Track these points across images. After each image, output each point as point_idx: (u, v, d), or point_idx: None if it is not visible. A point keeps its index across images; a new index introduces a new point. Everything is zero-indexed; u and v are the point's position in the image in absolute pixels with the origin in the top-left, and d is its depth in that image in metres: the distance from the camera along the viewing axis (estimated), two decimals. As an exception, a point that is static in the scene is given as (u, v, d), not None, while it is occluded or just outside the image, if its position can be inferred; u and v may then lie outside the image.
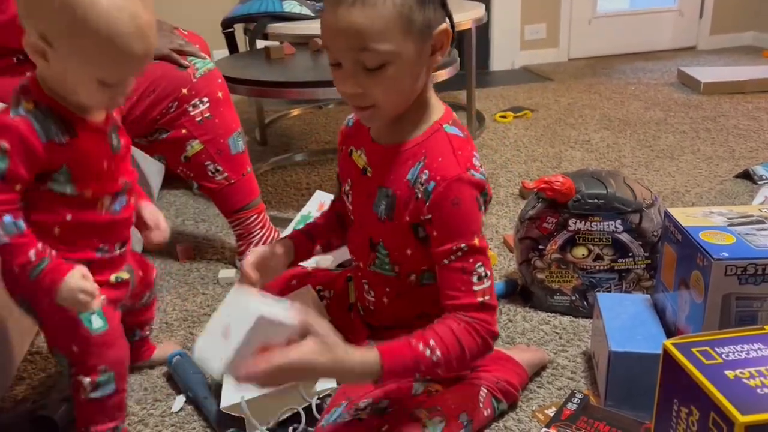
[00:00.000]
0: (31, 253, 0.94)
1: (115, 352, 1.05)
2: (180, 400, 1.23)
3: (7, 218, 0.92)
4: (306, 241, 1.21)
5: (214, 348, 0.89)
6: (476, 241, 0.99)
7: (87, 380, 1.03)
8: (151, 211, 1.17)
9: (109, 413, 1.06)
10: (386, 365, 0.93)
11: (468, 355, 0.98)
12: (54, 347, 1.06)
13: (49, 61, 0.92)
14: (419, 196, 1.00)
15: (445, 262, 1.00)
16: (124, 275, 1.11)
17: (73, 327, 1.01)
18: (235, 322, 0.87)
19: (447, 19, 0.99)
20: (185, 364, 1.26)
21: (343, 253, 1.37)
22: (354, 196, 1.13)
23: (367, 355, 0.94)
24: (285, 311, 0.90)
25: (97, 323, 1.01)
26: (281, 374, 0.89)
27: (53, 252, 0.96)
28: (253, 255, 1.11)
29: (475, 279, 0.99)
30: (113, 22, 0.88)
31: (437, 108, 1.06)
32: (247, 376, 0.87)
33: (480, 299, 0.99)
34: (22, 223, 0.94)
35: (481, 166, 1.02)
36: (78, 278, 0.96)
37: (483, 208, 1.02)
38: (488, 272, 1.00)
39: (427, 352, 0.95)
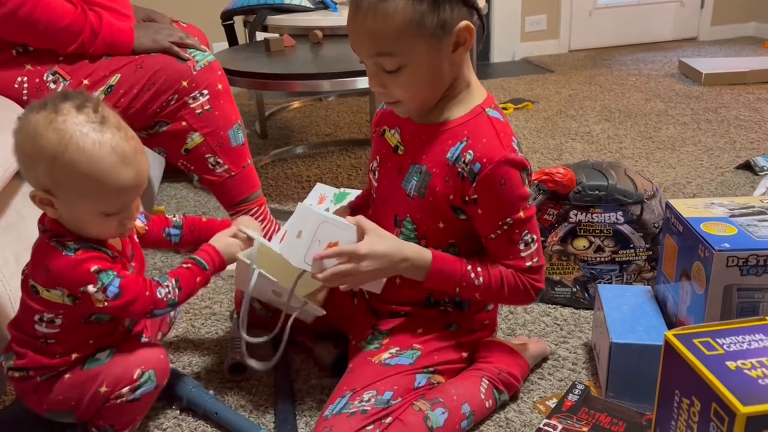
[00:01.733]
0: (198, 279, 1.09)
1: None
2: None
3: (161, 290, 1.04)
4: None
5: (292, 247, 1.07)
6: (522, 214, 1.05)
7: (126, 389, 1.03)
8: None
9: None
10: (435, 264, 1.06)
11: (507, 293, 1.09)
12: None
13: (57, 209, 0.97)
14: (464, 176, 1.04)
15: (492, 236, 1.07)
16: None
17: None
18: (305, 228, 1.06)
19: (474, 13, 1.03)
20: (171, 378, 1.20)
21: None
22: (381, 174, 1.17)
23: (421, 250, 1.07)
24: (341, 218, 1.06)
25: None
26: (347, 261, 1.02)
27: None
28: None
29: (522, 246, 1.07)
30: (96, 159, 0.93)
31: (478, 92, 1.10)
32: (320, 256, 1.02)
33: (528, 263, 1.08)
34: (171, 282, 1.05)
35: (519, 150, 1.05)
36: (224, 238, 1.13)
37: (527, 182, 1.06)
38: (534, 236, 1.08)
39: (472, 274, 1.07)
